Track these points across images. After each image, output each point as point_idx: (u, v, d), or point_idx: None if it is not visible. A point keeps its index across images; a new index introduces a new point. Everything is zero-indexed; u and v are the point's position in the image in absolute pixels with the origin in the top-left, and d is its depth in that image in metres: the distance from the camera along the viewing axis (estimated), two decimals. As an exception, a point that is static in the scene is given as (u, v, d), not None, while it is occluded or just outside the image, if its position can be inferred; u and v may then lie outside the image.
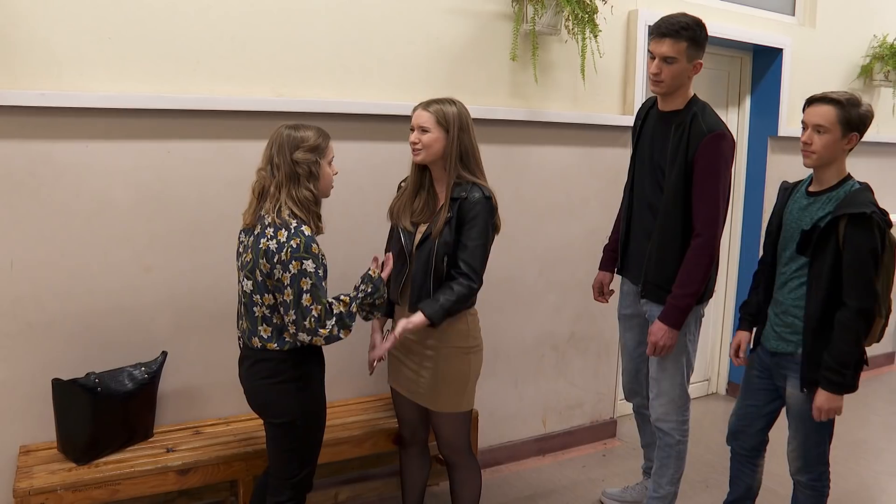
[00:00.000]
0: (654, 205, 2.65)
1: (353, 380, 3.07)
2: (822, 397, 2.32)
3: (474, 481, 2.62)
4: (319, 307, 2.08)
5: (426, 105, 2.38)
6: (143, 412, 2.51)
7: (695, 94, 2.64)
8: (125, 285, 2.57)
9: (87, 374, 2.38)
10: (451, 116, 2.35)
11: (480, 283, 2.38)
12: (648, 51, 2.57)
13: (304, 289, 2.06)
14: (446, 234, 2.34)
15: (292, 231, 2.07)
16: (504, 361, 3.49)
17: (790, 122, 4.19)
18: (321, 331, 2.10)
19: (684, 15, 2.53)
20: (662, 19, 2.53)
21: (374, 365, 2.49)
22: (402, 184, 2.57)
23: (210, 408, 2.77)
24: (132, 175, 2.53)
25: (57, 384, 2.33)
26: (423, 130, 2.36)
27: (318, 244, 2.12)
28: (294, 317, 2.08)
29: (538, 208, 3.48)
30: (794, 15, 4.35)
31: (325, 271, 2.18)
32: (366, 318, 2.31)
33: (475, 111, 2.94)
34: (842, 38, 4.49)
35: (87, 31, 2.39)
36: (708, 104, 2.62)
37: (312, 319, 2.08)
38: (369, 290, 2.25)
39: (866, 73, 4.57)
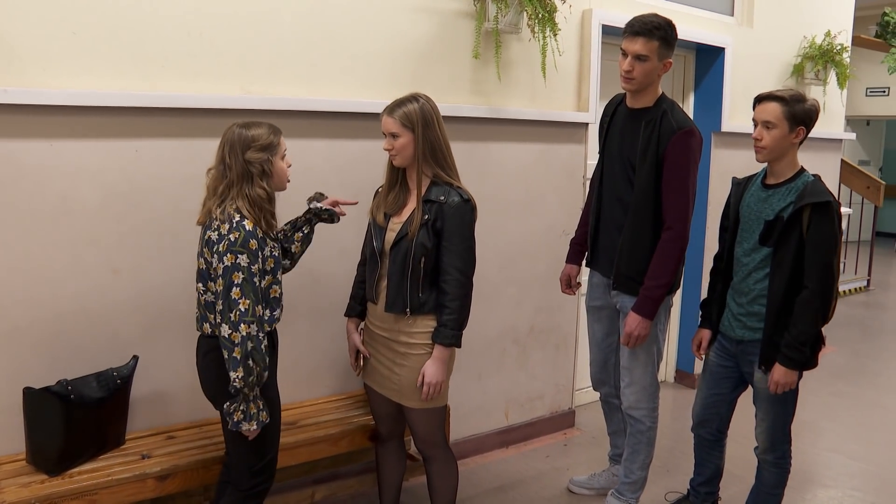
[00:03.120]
0: (624, 199, 2.73)
1: (324, 378, 3.06)
2: (779, 372, 2.46)
3: (451, 474, 2.65)
4: (248, 302, 2.09)
5: (390, 110, 2.39)
6: (116, 419, 2.44)
7: (663, 92, 2.74)
8: (92, 288, 2.49)
9: (59, 381, 2.29)
10: (414, 115, 2.36)
11: (472, 283, 2.44)
12: (621, 48, 2.64)
13: (235, 282, 2.08)
14: (423, 236, 2.36)
15: (234, 224, 2.11)
16: (468, 356, 3.52)
17: (733, 117, 4.37)
18: (242, 327, 2.07)
19: (656, 15, 2.63)
20: (636, 18, 2.62)
21: (361, 364, 2.54)
22: (379, 189, 2.58)
23: (181, 412, 2.70)
24: (99, 175, 2.45)
25: (29, 393, 2.24)
26: (394, 136, 2.37)
27: (258, 240, 2.14)
28: (221, 307, 2.10)
29: (498, 204, 3.53)
30: (732, 15, 4.54)
31: (277, 264, 2.24)
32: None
33: (439, 109, 2.98)
34: (776, 38, 4.72)
35: (51, 25, 2.31)
36: (676, 102, 2.72)
37: (238, 313, 2.08)
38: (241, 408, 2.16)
39: (798, 71, 4.81)
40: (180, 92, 2.55)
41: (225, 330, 2.08)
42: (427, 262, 2.38)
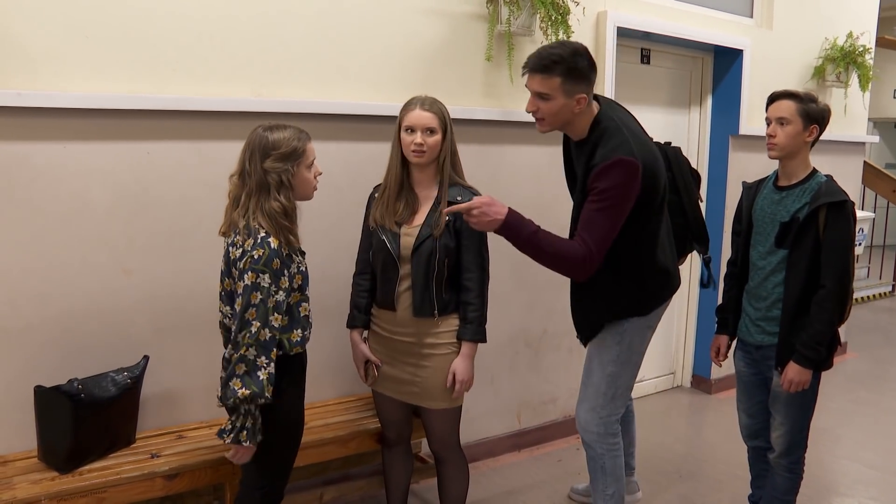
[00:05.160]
0: None
1: (333, 380, 3.07)
2: (793, 370, 2.45)
3: (463, 477, 2.67)
4: (258, 325, 1.98)
5: (425, 104, 2.36)
6: (126, 418, 2.47)
7: (597, 117, 2.32)
8: (104, 288, 2.52)
9: (70, 380, 2.31)
10: (447, 114, 2.39)
11: (489, 278, 2.50)
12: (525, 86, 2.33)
13: (253, 303, 1.97)
14: (445, 237, 2.38)
15: (258, 241, 2.00)
16: (480, 359, 3.45)
17: (751, 121, 4.32)
18: (249, 350, 1.98)
19: (561, 45, 2.25)
20: (534, 52, 2.26)
21: (375, 374, 2.57)
22: (375, 193, 2.57)
23: (191, 412, 2.73)
24: (110, 176, 2.48)
25: (39, 391, 2.27)
26: (430, 132, 2.35)
27: (283, 259, 2.03)
28: (236, 326, 2.00)
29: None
30: (751, 17, 4.49)
31: (305, 279, 2.16)
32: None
33: (452, 112, 2.98)
34: (797, 40, 4.66)
35: (64, 29, 2.34)
36: (613, 125, 2.29)
37: (248, 335, 1.97)
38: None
39: (819, 74, 4.74)
40: (191, 95, 2.57)
41: (228, 351, 2.01)
42: (450, 263, 2.41)
